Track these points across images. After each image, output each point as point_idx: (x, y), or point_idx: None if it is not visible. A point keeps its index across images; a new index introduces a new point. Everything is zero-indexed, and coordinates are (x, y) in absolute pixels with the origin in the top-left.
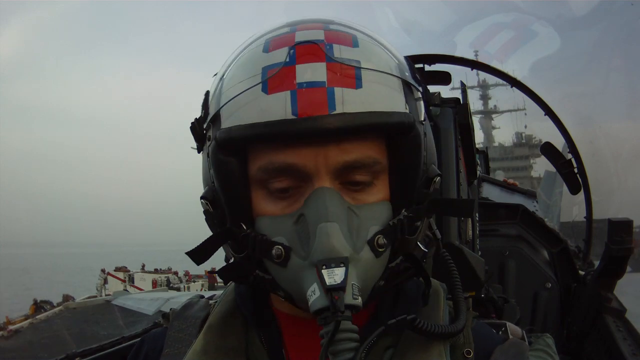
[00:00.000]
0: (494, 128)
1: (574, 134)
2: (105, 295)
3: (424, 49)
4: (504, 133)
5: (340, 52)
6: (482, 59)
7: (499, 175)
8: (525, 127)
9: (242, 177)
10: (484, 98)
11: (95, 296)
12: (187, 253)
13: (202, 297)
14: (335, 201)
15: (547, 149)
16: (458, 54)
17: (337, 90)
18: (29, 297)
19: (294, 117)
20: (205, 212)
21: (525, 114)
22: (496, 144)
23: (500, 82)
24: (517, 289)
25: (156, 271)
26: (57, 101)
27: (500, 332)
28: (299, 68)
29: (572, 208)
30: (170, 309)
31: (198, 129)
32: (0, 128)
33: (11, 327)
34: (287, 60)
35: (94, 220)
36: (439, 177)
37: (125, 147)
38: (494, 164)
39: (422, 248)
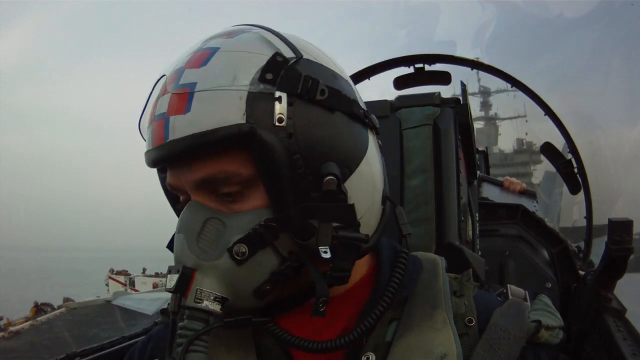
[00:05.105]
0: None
1: (573, 134)
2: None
3: (424, 48)
4: (504, 140)
5: (185, 77)
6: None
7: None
8: (526, 134)
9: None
10: (485, 105)
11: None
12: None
13: None
14: (192, 213)
15: (547, 149)
16: (458, 54)
17: (171, 119)
18: (30, 300)
19: (150, 148)
20: None
21: (527, 121)
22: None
23: (501, 88)
24: None
25: (157, 275)
26: (59, 104)
27: (501, 297)
28: (159, 101)
29: (572, 208)
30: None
31: None
32: (2, 131)
33: (12, 329)
34: (159, 93)
35: (95, 225)
36: (331, 177)
37: (128, 150)
38: (494, 170)
39: (323, 254)
